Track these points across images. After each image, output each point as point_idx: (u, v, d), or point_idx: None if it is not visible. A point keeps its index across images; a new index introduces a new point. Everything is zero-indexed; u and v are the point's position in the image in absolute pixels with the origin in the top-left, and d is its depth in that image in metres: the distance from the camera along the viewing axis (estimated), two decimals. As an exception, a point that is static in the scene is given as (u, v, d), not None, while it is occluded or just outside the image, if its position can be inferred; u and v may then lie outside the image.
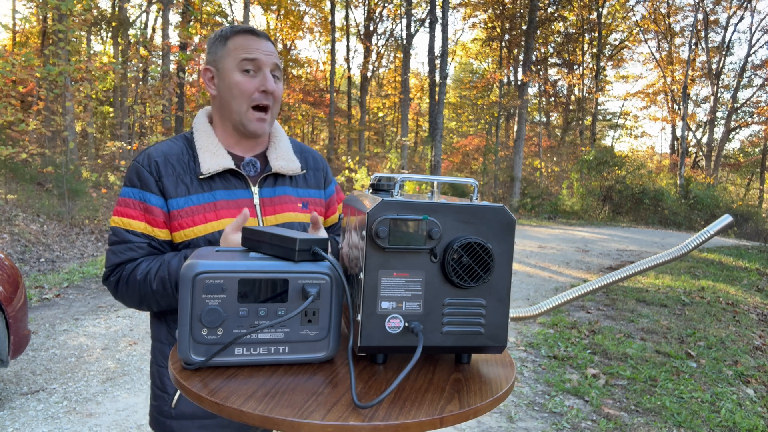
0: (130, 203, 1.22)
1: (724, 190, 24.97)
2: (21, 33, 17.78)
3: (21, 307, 3.16)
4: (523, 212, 20.03)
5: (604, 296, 6.65)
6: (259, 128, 1.28)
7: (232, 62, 1.25)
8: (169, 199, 1.22)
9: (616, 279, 1.06)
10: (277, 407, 0.74)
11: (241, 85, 1.24)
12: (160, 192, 1.22)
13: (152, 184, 1.22)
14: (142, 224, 1.21)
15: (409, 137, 25.17)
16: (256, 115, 1.26)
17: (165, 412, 1.27)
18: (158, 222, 1.22)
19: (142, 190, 1.22)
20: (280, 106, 1.33)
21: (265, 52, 1.25)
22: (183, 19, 14.65)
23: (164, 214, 1.22)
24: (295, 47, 26.03)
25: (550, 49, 27.66)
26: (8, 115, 8.77)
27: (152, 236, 1.22)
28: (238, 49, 1.25)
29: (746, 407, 3.54)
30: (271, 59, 1.26)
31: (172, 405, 1.26)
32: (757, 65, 26.87)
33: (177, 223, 1.22)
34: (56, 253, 7.50)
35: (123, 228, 1.22)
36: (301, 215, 1.34)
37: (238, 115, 1.26)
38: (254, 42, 1.25)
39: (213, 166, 1.24)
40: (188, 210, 1.22)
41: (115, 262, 1.22)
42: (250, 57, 1.23)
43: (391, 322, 0.86)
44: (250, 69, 1.24)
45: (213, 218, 1.23)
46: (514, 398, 3.52)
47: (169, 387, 1.27)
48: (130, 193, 1.23)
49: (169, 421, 1.26)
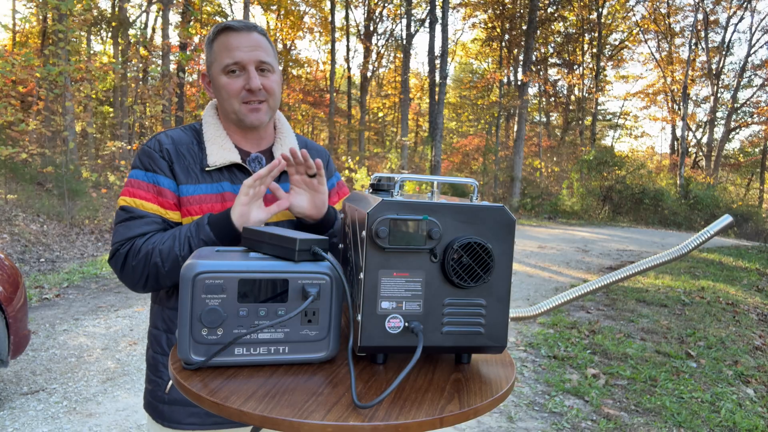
0: (143, 185, 1.22)
1: (724, 190, 24.97)
2: (21, 33, 17.78)
3: (21, 307, 3.16)
4: (523, 212, 20.03)
5: (604, 296, 6.65)
6: (255, 119, 1.27)
7: (217, 67, 1.25)
8: (180, 184, 1.24)
9: (616, 279, 1.06)
10: (277, 407, 0.74)
11: (227, 86, 1.25)
12: (172, 176, 1.24)
13: (165, 168, 1.23)
14: (154, 206, 1.22)
15: (409, 137, 25.17)
16: (248, 107, 1.26)
17: (158, 397, 1.29)
18: (170, 204, 1.23)
19: (154, 173, 1.23)
20: (278, 97, 1.32)
21: (247, 49, 1.23)
22: (183, 19, 14.65)
23: (176, 197, 1.24)
24: (295, 47, 26.03)
25: (550, 49, 27.67)
26: (8, 115, 8.77)
27: (164, 217, 1.23)
28: (221, 51, 1.24)
29: (746, 407, 3.54)
30: (254, 55, 1.24)
31: (166, 391, 1.28)
32: (757, 65, 26.87)
33: (186, 209, 1.24)
34: (56, 253, 7.50)
35: (135, 207, 1.21)
36: None
37: (234, 113, 1.28)
38: (235, 39, 1.23)
39: (219, 159, 1.26)
40: (197, 198, 1.24)
41: (127, 235, 1.19)
42: (231, 61, 1.23)
43: (391, 322, 0.86)
44: (234, 70, 1.24)
45: (220, 209, 1.24)
46: (514, 398, 3.52)
47: (163, 373, 1.30)
48: (142, 176, 1.23)
49: (162, 405, 1.29)
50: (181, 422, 1.27)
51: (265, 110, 1.29)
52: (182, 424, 1.27)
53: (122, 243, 1.20)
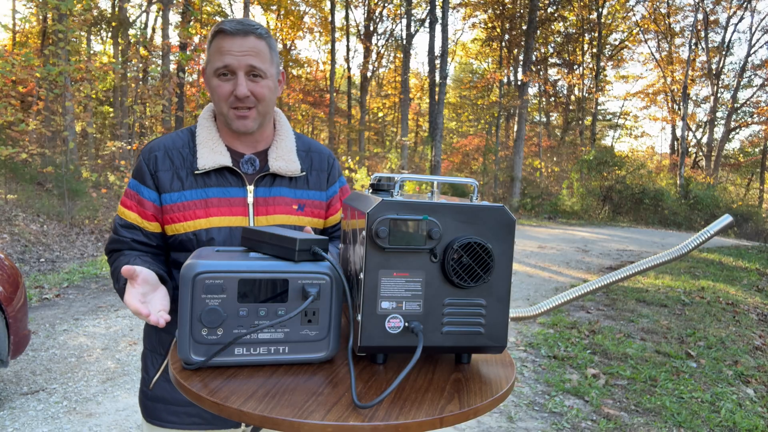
0: (129, 194, 1.29)
1: (724, 190, 24.96)
2: (21, 33, 17.78)
3: (21, 307, 3.16)
4: (523, 212, 20.03)
5: (604, 296, 6.65)
6: (241, 126, 1.26)
7: (210, 68, 1.25)
8: (163, 193, 1.26)
9: (616, 279, 1.06)
10: (277, 407, 0.74)
11: (217, 89, 1.24)
12: (154, 186, 1.27)
13: (147, 178, 1.27)
14: (134, 215, 1.28)
15: (409, 137, 25.16)
16: (236, 113, 1.25)
17: (144, 392, 1.33)
18: (147, 215, 1.27)
19: (138, 182, 1.28)
20: (271, 102, 1.29)
21: (238, 54, 1.21)
22: (183, 19, 14.64)
23: (155, 208, 1.27)
24: (295, 47, 26.05)
25: (550, 49, 27.66)
26: (8, 115, 8.77)
27: (141, 228, 1.27)
28: (215, 53, 1.24)
29: (746, 407, 3.54)
30: (245, 60, 1.21)
31: (150, 387, 1.32)
32: (757, 65, 26.86)
33: (169, 217, 1.26)
34: (56, 253, 7.50)
35: (119, 218, 1.30)
36: (294, 218, 1.33)
37: (223, 115, 1.27)
38: (228, 43, 1.21)
39: (209, 163, 1.25)
40: (180, 205, 1.25)
41: (106, 248, 1.33)
42: (222, 64, 1.22)
43: (391, 322, 0.86)
44: (225, 73, 1.23)
45: (202, 215, 1.24)
46: (514, 398, 3.52)
47: (150, 369, 1.33)
48: (131, 184, 1.30)
49: (146, 401, 1.32)
50: (162, 419, 1.30)
51: (253, 117, 1.26)
52: (162, 422, 1.30)
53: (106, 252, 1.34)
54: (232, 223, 1.25)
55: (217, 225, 1.24)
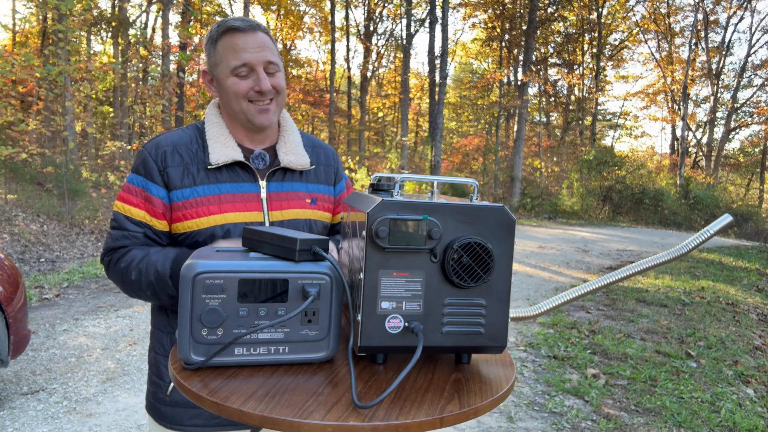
0: (134, 191, 1.23)
1: (724, 190, 24.97)
2: (21, 33, 17.78)
3: (21, 307, 3.16)
4: (523, 212, 20.02)
5: (604, 296, 6.65)
6: (264, 120, 1.26)
7: (224, 69, 1.24)
8: (173, 190, 1.22)
9: (616, 279, 1.06)
10: (277, 407, 0.74)
11: (235, 86, 1.23)
12: (163, 183, 1.23)
13: (156, 174, 1.23)
14: (142, 212, 1.22)
15: (409, 137, 25.16)
16: (258, 107, 1.25)
17: (160, 399, 1.29)
18: (157, 213, 1.22)
19: (145, 178, 1.23)
20: (285, 96, 1.32)
21: (254, 50, 1.22)
22: (183, 19, 14.64)
23: (164, 206, 1.23)
24: (295, 47, 26.05)
25: (550, 49, 27.66)
26: (8, 115, 8.77)
27: (150, 226, 1.23)
28: (227, 52, 1.23)
29: (746, 407, 3.54)
30: (262, 56, 1.23)
31: (168, 393, 1.28)
32: (757, 65, 26.87)
33: (181, 214, 1.22)
34: (56, 253, 7.50)
35: (123, 214, 1.23)
36: (308, 211, 1.33)
37: (242, 113, 1.26)
38: (241, 40, 1.22)
39: (222, 157, 1.24)
40: (192, 201, 1.22)
41: (110, 246, 1.24)
42: (239, 63, 1.21)
43: (391, 322, 0.86)
44: (243, 72, 1.23)
45: (216, 211, 1.22)
46: (514, 398, 3.52)
47: (165, 375, 1.30)
48: (134, 180, 1.24)
49: (164, 407, 1.28)
50: (184, 424, 1.26)
51: (274, 110, 1.28)
52: (184, 426, 1.27)
53: (106, 252, 1.26)
54: (247, 219, 1.24)
55: (233, 221, 1.23)
